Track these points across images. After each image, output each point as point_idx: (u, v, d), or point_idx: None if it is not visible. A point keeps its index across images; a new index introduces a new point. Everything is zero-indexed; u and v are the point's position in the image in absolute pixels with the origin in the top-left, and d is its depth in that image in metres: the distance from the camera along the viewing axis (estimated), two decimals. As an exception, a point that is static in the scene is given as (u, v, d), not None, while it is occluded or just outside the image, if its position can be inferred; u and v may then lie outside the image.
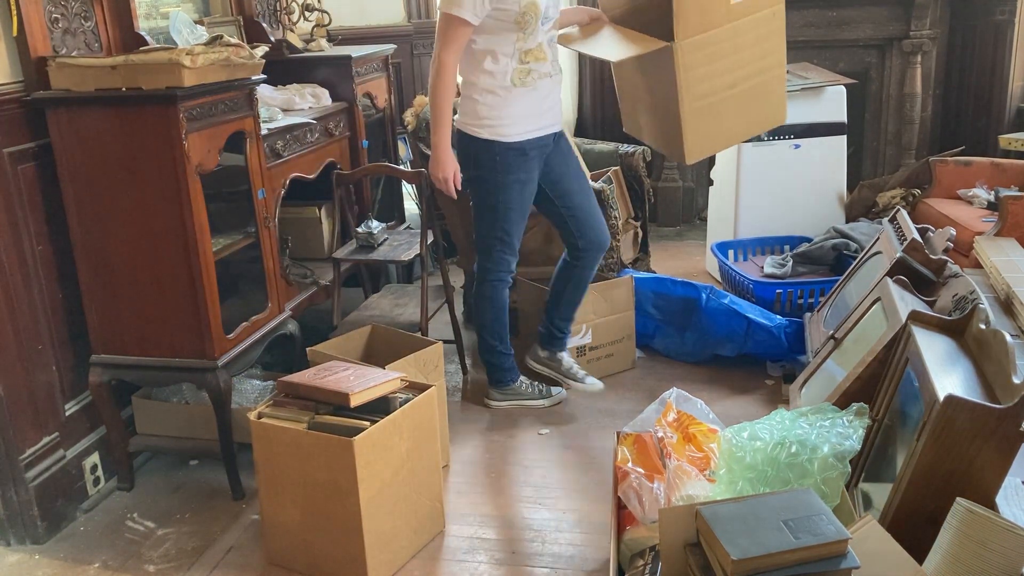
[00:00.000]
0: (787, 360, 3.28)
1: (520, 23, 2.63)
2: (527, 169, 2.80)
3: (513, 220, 2.86)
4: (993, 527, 1.61)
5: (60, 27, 2.49)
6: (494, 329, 3.04)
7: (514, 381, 3.12)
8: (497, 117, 2.72)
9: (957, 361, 2.04)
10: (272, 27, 3.68)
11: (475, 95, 2.73)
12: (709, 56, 2.72)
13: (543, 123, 2.80)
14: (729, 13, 2.71)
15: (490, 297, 2.98)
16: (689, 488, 2.03)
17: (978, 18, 4.44)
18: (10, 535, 2.48)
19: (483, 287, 2.98)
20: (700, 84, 2.74)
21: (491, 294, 2.98)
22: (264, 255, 2.82)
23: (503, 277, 2.96)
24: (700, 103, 2.78)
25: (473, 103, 2.74)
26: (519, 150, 2.76)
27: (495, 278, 2.95)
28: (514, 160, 2.76)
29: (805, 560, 1.54)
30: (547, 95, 2.78)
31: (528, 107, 2.74)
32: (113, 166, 2.42)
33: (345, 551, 2.21)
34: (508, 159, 2.76)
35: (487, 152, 2.76)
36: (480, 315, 3.04)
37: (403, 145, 4.41)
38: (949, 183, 3.86)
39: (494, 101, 2.71)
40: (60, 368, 2.57)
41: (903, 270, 2.70)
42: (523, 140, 2.75)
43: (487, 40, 2.67)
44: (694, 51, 2.68)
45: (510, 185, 2.79)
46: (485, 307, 3.01)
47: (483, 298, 3.00)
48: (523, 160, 2.77)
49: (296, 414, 2.25)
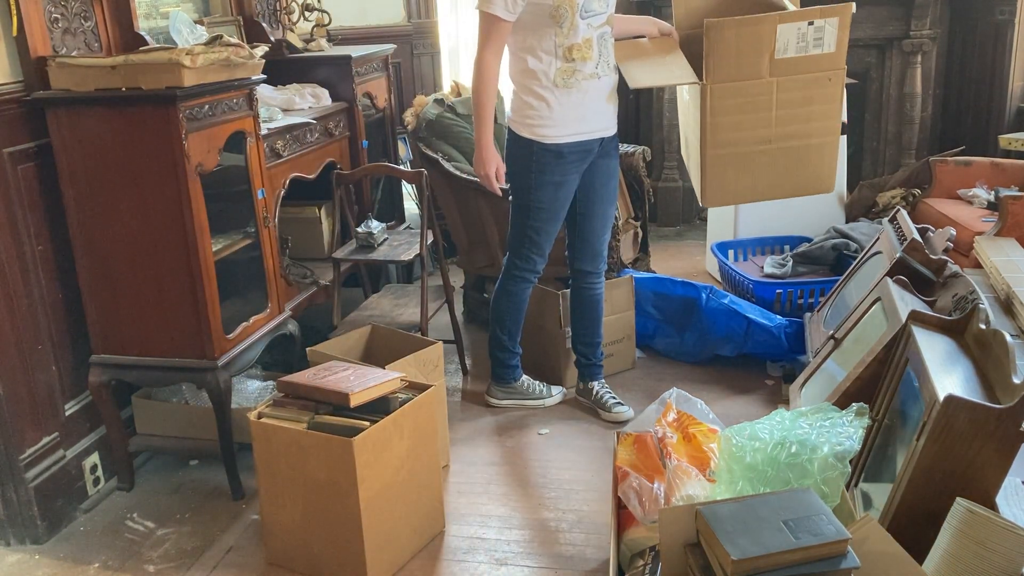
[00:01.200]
0: (787, 360, 3.28)
1: (555, 17, 2.55)
2: (563, 172, 2.74)
3: (543, 221, 2.82)
4: (993, 527, 1.61)
5: (60, 27, 2.49)
6: (507, 325, 3.03)
7: (516, 380, 3.12)
8: (538, 117, 2.67)
9: (957, 361, 2.04)
10: (272, 27, 3.68)
11: (521, 94, 2.70)
12: (741, 106, 2.65)
13: (587, 127, 2.72)
14: (772, 67, 2.61)
15: (511, 292, 2.97)
16: (689, 488, 2.03)
17: (978, 18, 4.44)
18: (10, 535, 2.48)
19: (506, 282, 2.97)
20: (727, 132, 2.69)
21: (512, 289, 2.96)
22: (264, 255, 2.82)
23: (527, 276, 2.94)
24: (724, 151, 2.72)
25: (519, 101, 2.71)
26: (556, 152, 2.70)
27: (519, 275, 2.94)
28: (550, 162, 2.71)
29: (805, 560, 1.54)
30: (594, 98, 2.69)
31: (571, 110, 2.66)
32: (113, 166, 2.42)
33: (345, 551, 2.21)
34: (544, 160, 2.71)
35: (525, 150, 2.73)
36: (497, 309, 3.02)
37: (403, 145, 4.41)
38: (949, 183, 3.86)
39: (537, 102, 2.66)
40: (60, 368, 2.57)
41: (903, 270, 2.70)
42: (561, 143, 2.69)
43: (526, 37, 2.61)
44: (724, 97, 2.62)
45: (543, 186, 2.75)
46: (504, 302, 3.00)
47: (504, 292, 2.99)
48: (559, 163, 2.72)
49: (296, 414, 2.25)
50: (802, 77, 2.66)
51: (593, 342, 3.08)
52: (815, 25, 2.57)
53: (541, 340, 3.31)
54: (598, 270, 3.01)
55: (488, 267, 3.70)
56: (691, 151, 2.97)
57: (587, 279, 3.01)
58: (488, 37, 2.59)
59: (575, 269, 3.01)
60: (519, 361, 3.13)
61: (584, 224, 2.92)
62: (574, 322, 3.09)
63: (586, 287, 3.02)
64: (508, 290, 2.98)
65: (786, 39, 2.57)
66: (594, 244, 2.96)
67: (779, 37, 2.56)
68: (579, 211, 2.90)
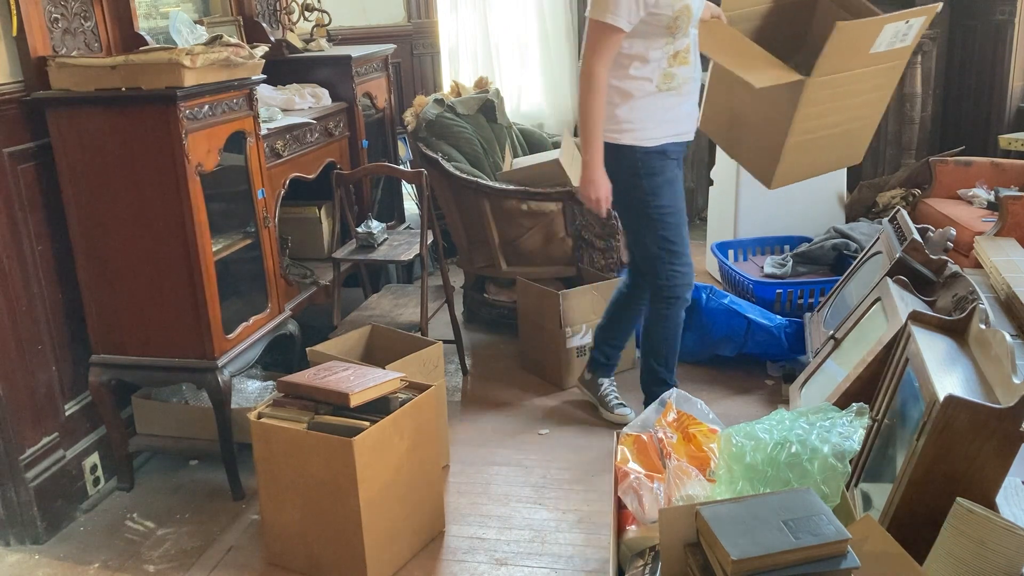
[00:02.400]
0: (787, 360, 3.28)
1: (671, 28, 2.49)
2: (671, 169, 2.65)
3: (674, 225, 2.65)
4: (993, 527, 1.61)
5: (60, 27, 2.49)
6: (664, 355, 2.81)
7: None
8: (638, 120, 2.57)
9: (957, 361, 2.03)
10: (272, 27, 3.68)
11: (615, 99, 2.57)
12: (830, 95, 2.69)
13: (681, 129, 2.66)
14: (864, 60, 2.66)
15: (666, 317, 2.75)
16: (689, 488, 2.03)
17: (978, 18, 4.44)
18: (10, 535, 2.48)
19: (659, 307, 2.75)
20: (811, 120, 2.72)
21: (667, 313, 2.74)
22: (264, 255, 2.82)
23: (679, 293, 2.72)
24: (803, 137, 2.76)
25: (612, 108, 2.58)
26: (660, 153, 2.61)
27: (670, 296, 2.71)
28: (657, 162, 2.61)
29: (805, 560, 1.54)
30: (687, 99, 2.64)
31: (669, 112, 2.60)
32: (113, 166, 2.42)
33: (345, 551, 2.21)
34: (651, 163, 2.60)
35: (629, 160, 2.61)
36: (651, 339, 2.81)
37: (403, 145, 4.41)
38: (949, 183, 3.86)
39: (635, 105, 2.56)
40: (60, 368, 2.57)
41: (903, 270, 2.70)
42: (663, 144, 2.61)
43: (636, 44, 2.52)
44: (821, 89, 2.65)
45: (659, 188, 2.62)
46: (658, 330, 2.78)
47: (658, 319, 2.76)
48: (665, 162, 2.62)
49: (296, 414, 2.25)
50: (882, 67, 2.76)
51: (620, 345, 3.02)
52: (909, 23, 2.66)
53: (541, 340, 3.31)
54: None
55: (488, 267, 3.70)
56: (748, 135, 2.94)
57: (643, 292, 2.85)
58: (603, 48, 2.47)
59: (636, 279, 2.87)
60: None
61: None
62: (611, 323, 2.97)
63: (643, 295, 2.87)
64: (663, 315, 2.75)
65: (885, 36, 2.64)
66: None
67: (881, 34, 2.63)
68: None
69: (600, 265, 3.49)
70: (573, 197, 3.45)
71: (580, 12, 5.06)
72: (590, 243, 3.49)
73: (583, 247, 3.50)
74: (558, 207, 3.47)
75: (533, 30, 5.03)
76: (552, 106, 5.13)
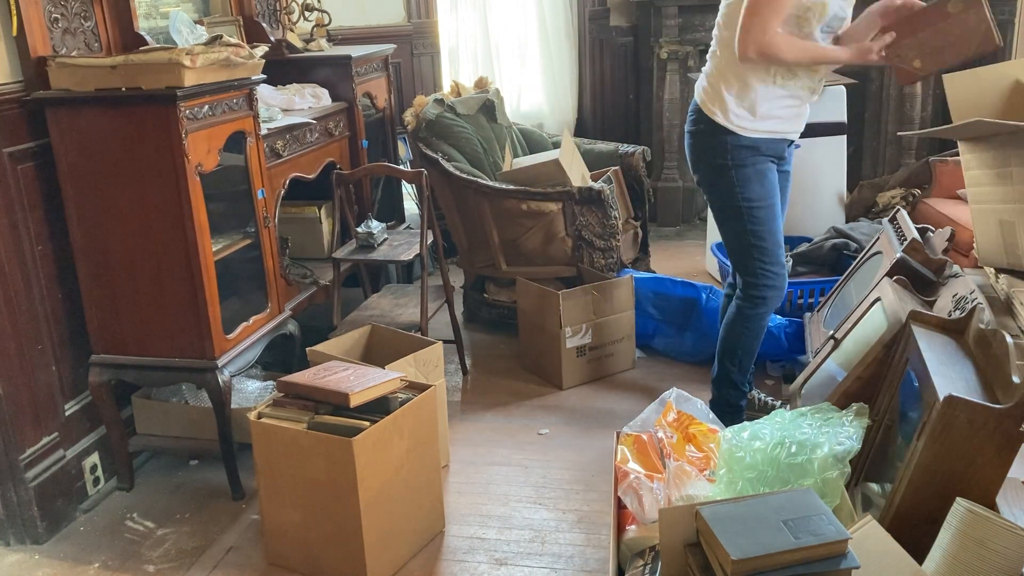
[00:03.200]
0: (787, 360, 3.28)
1: (800, 19, 2.38)
2: (762, 163, 2.54)
3: (762, 221, 2.55)
4: (993, 527, 1.61)
5: (60, 27, 2.49)
6: (739, 358, 2.71)
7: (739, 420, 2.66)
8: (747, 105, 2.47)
9: (957, 361, 2.03)
10: (272, 27, 3.68)
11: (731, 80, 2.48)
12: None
13: (784, 127, 2.54)
14: None
15: (749, 318, 2.65)
16: (689, 488, 2.03)
17: (978, 18, 4.43)
18: (10, 535, 2.48)
19: (744, 307, 2.65)
20: None
21: (750, 314, 2.65)
22: (264, 255, 2.82)
23: (766, 295, 2.61)
24: None
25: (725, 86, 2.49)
26: (753, 148, 2.51)
27: (756, 295, 2.62)
28: (747, 155, 2.51)
29: (805, 560, 1.54)
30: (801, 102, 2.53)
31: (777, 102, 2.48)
32: (113, 166, 2.42)
33: (345, 551, 2.21)
34: (740, 154, 2.50)
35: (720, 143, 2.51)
36: (729, 339, 2.71)
37: (403, 145, 4.41)
38: (949, 183, 3.85)
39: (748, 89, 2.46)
40: (60, 368, 2.57)
41: (903, 270, 2.70)
42: (760, 138, 2.50)
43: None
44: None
45: (748, 180, 2.51)
46: (738, 330, 2.68)
47: (740, 319, 2.67)
48: (756, 156, 2.52)
49: (296, 414, 2.25)
50: None
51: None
52: None
53: (541, 340, 3.31)
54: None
55: (488, 267, 3.70)
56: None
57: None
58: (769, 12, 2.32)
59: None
60: (744, 403, 2.80)
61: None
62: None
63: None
64: (746, 315, 2.65)
65: None
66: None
67: None
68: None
69: (600, 265, 3.49)
70: (573, 197, 3.45)
71: (580, 12, 5.07)
72: (590, 243, 3.49)
73: (583, 247, 3.50)
74: (558, 207, 3.47)
75: (533, 30, 5.03)
76: (552, 106, 5.14)
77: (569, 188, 3.46)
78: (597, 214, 3.46)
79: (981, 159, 2.72)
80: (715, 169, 2.56)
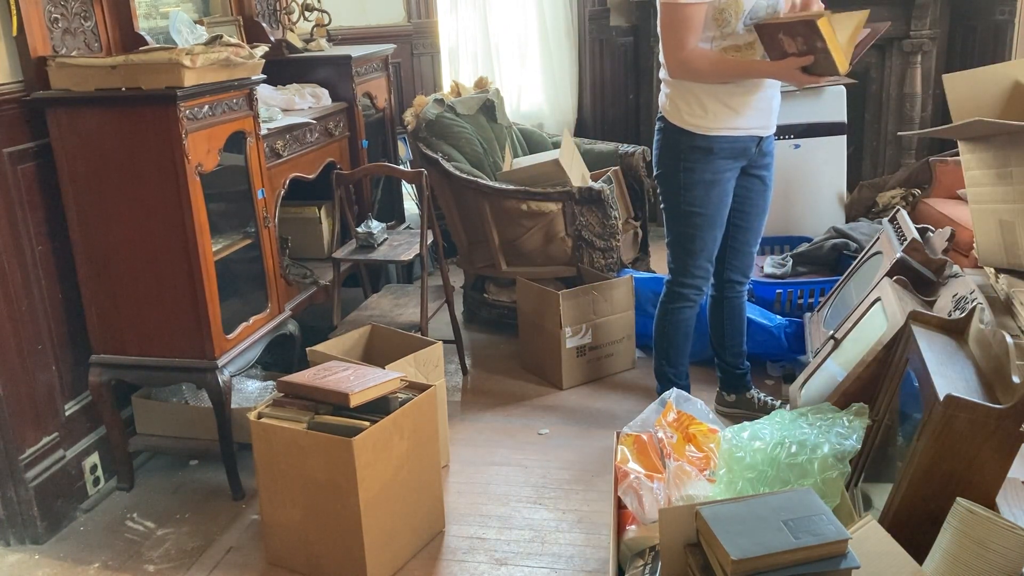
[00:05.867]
0: (787, 360, 3.28)
1: (718, 19, 2.40)
2: (714, 170, 2.55)
3: (698, 227, 2.60)
4: (993, 527, 1.61)
5: (60, 27, 2.49)
6: (671, 355, 2.81)
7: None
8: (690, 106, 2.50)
9: (957, 361, 2.03)
10: (272, 27, 3.68)
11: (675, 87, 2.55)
12: None
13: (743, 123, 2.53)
14: None
15: (668, 312, 2.76)
16: (689, 488, 2.03)
17: (978, 18, 4.44)
18: (10, 535, 2.48)
19: (665, 301, 2.77)
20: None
21: (668, 307, 2.75)
22: (264, 255, 2.82)
23: (687, 295, 2.71)
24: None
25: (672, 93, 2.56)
26: (706, 148, 2.53)
27: (677, 293, 2.72)
28: (699, 158, 2.53)
29: (805, 560, 1.54)
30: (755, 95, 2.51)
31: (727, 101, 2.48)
32: (113, 166, 2.42)
33: (345, 551, 2.21)
34: (693, 156, 2.53)
35: (674, 143, 2.56)
36: (656, 335, 2.82)
37: (403, 145, 4.40)
38: (949, 183, 3.85)
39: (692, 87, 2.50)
40: (60, 368, 2.57)
41: (903, 270, 2.70)
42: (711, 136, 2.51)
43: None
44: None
45: (694, 185, 2.56)
46: (661, 327, 2.79)
47: (662, 315, 2.78)
48: (709, 159, 2.53)
49: (296, 414, 2.25)
50: None
51: (741, 351, 2.95)
52: None
53: (541, 340, 3.31)
54: (747, 279, 2.87)
55: (488, 267, 3.70)
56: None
57: (735, 289, 2.85)
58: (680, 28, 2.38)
59: (725, 280, 2.83)
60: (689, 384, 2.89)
61: (739, 235, 2.74)
62: (720, 334, 2.92)
63: (735, 296, 2.87)
64: (665, 309, 2.76)
65: None
66: (749, 255, 2.81)
67: None
68: (734, 221, 2.70)
69: (600, 265, 3.49)
70: (573, 197, 3.45)
71: (580, 12, 5.07)
72: (590, 243, 3.49)
73: (583, 247, 3.50)
74: (558, 207, 3.47)
75: (533, 30, 5.03)
76: (552, 106, 5.14)
77: (569, 188, 3.46)
78: (597, 214, 3.46)
79: (981, 159, 2.72)
80: (667, 169, 2.62)
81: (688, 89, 2.51)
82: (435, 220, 3.31)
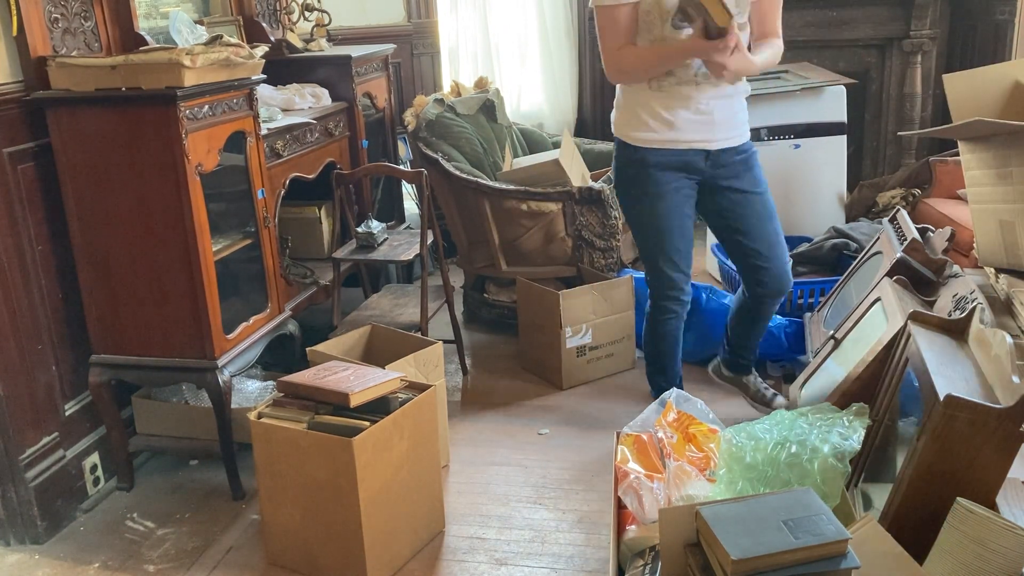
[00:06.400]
0: (787, 360, 3.27)
1: (648, 24, 2.37)
2: (655, 183, 2.49)
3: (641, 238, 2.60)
4: (993, 527, 1.61)
5: (60, 27, 2.49)
6: (654, 360, 2.82)
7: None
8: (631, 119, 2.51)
9: (957, 361, 2.03)
10: (272, 27, 3.68)
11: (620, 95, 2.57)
12: None
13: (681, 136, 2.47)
14: None
15: (652, 322, 2.74)
16: (689, 488, 2.03)
17: (978, 18, 4.44)
18: (10, 535, 2.48)
19: (648, 316, 2.76)
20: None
21: (652, 316, 2.73)
22: (264, 255, 2.82)
23: (654, 299, 2.69)
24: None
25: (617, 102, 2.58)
26: (641, 161, 2.50)
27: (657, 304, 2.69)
28: (639, 171, 2.51)
29: (805, 560, 1.54)
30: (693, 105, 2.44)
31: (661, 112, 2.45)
32: (113, 166, 2.42)
33: (345, 551, 2.21)
34: (631, 170, 2.53)
35: (622, 157, 2.57)
36: (645, 345, 2.83)
37: (403, 145, 4.41)
38: (949, 183, 3.85)
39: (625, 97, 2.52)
40: (60, 368, 2.57)
41: (903, 270, 2.70)
42: (645, 148, 2.49)
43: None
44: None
45: (639, 199, 2.54)
46: (648, 338, 2.79)
47: (648, 328, 2.77)
48: (646, 171, 2.50)
49: (296, 414, 2.25)
50: None
51: (755, 347, 2.93)
52: None
53: (541, 340, 3.31)
54: (782, 293, 2.69)
55: (488, 267, 3.70)
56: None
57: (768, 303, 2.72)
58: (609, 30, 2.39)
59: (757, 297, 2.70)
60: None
61: (747, 250, 2.61)
62: (741, 330, 2.86)
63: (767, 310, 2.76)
64: (649, 317, 2.75)
65: None
66: (773, 267, 2.62)
67: None
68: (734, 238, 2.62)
69: (600, 265, 3.49)
70: (573, 197, 3.45)
71: (580, 12, 5.06)
72: (590, 243, 3.49)
73: (583, 247, 3.50)
74: (558, 207, 3.47)
75: (533, 30, 5.03)
76: (552, 106, 5.13)
77: (569, 188, 3.46)
78: (597, 214, 3.46)
79: (981, 159, 2.72)
80: (617, 183, 2.65)
81: (629, 102, 2.53)
82: (435, 220, 3.31)
